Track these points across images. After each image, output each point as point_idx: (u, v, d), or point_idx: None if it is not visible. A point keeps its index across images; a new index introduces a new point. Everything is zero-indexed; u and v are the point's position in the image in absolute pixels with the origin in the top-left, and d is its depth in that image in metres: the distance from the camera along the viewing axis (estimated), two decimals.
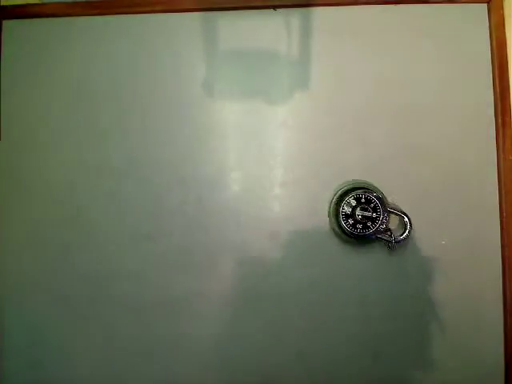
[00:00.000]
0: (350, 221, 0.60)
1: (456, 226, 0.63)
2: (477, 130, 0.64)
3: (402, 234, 0.61)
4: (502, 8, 0.64)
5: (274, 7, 0.65)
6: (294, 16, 0.65)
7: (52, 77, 0.67)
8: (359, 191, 0.61)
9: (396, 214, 0.61)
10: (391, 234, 0.60)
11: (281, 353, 0.63)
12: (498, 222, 0.63)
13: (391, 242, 0.60)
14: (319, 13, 0.65)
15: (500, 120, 0.63)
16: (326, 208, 0.64)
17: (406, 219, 0.60)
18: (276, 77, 0.65)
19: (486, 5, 0.65)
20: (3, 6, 0.67)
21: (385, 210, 0.60)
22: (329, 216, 0.63)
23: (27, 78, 0.67)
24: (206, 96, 0.66)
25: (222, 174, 0.65)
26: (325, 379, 0.63)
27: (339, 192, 0.62)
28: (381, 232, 0.60)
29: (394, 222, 0.62)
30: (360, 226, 0.60)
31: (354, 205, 0.60)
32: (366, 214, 0.60)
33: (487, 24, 0.65)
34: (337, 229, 0.62)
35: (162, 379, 0.64)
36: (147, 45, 0.66)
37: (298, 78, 0.65)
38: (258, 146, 0.65)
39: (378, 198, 0.60)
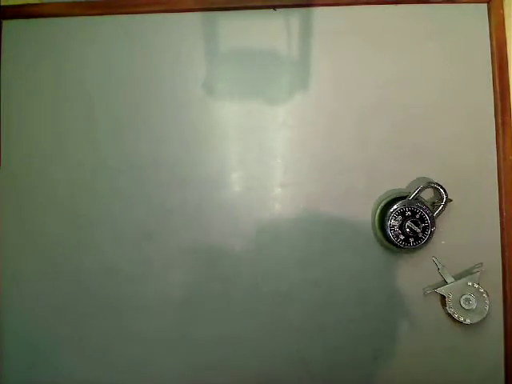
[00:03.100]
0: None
1: (456, 226, 0.63)
2: (477, 130, 0.64)
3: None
4: (502, 8, 0.64)
5: (274, 7, 0.65)
6: (294, 16, 0.65)
7: (52, 77, 0.67)
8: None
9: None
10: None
11: (281, 353, 0.63)
12: (498, 222, 0.63)
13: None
14: (319, 13, 0.65)
15: (500, 120, 0.63)
16: (326, 208, 0.64)
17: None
18: (276, 77, 0.65)
19: (485, 5, 0.65)
20: (3, 5, 0.67)
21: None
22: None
23: (27, 78, 0.67)
24: (206, 96, 0.66)
25: (222, 175, 0.65)
26: (325, 379, 0.63)
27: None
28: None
29: None
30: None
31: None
32: (415, 228, 0.59)
33: (487, 24, 0.65)
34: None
35: (162, 379, 0.64)
36: (147, 45, 0.66)
37: (297, 77, 0.65)
38: (258, 146, 0.65)
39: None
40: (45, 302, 0.65)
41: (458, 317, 0.59)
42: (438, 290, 0.61)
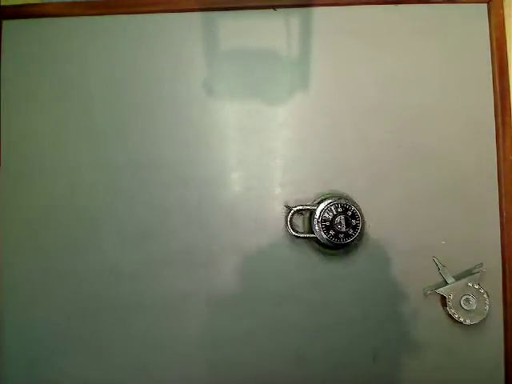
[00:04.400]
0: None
1: (456, 226, 0.63)
2: (477, 130, 0.64)
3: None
4: (502, 8, 0.64)
5: (274, 7, 0.65)
6: (294, 16, 0.65)
7: (52, 77, 0.67)
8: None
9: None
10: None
11: (280, 352, 0.63)
12: (498, 222, 0.63)
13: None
14: (319, 13, 0.65)
15: (500, 120, 0.63)
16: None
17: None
18: (276, 77, 0.65)
19: (485, 5, 0.65)
20: (3, 5, 0.67)
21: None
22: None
23: (27, 78, 0.67)
24: (206, 96, 0.66)
25: (222, 174, 0.65)
26: (324, 378, 0.63)
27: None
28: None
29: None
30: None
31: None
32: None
33: (487, 24, 0.65)
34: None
35: (162, 379, 0.64)
36: (147, 45, 0.66)
37: (298, 77, 0.65)
38: (258, 146, 0.65)
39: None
40: (45, 302, 0.65)
41: (459, 317, 0.59)
42: (439, 291, 0.61)
